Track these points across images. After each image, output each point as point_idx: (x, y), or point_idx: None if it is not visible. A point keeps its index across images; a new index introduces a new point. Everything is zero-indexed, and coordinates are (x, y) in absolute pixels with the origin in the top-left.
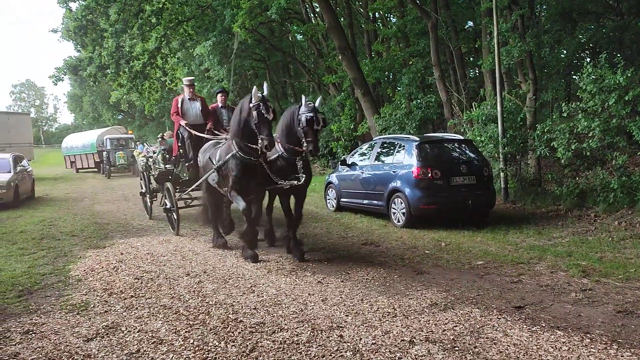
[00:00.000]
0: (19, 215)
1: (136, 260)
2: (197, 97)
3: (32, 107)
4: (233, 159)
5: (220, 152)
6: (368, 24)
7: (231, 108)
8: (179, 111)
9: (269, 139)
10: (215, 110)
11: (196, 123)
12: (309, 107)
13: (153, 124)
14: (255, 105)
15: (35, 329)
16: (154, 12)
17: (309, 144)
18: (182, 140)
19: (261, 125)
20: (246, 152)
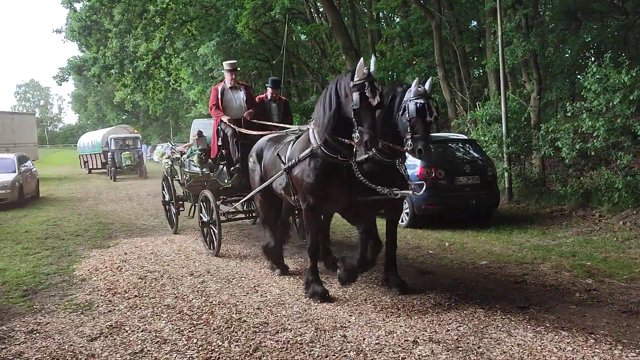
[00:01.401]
0: (24, 215)
1: (140, 260)
2: (241, 85)
3: (36, 107)
4: (312, 158)
5: (293, 148)
6: (372, 24)
7: (283, 101)
8: (219, 103)
9: (371, 134)
10: (262, 102)
11: (240, 117)
12: (419, 91)
13: (157, 124)
14: (358, 84)
15: (39, 329)
16: (158, 13)
17: (417, 141)
18: (224, 139)
19: (362, 113)
20: (333, 148)
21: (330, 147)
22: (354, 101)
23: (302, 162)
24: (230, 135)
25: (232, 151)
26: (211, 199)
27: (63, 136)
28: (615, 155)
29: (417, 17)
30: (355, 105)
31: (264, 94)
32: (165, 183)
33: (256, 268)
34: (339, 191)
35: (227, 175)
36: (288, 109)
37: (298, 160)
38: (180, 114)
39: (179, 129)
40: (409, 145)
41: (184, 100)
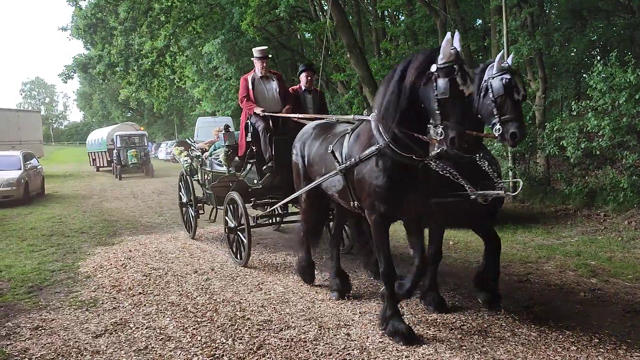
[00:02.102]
0: (29, 212)
1: (144, 258)
2: (273, 74)
3: (42, 104)
4: (379, 157)
5: (351, 143)
6: (376, 22)
7: (319, 92)
8: (251, 95)
9: (459, 129)
10: (296, 93)
11: (273, 110)
12: (503, 67)
13: (162, 121)
14: (445, 67)
15: (44, 325)
16: (162, 10)
17: (508, 124)
18: (254, 134)
19: (450, 103)
20: (405, 145)
21: (401, 144)
22: (441, 89)
23: (365, 161)
24: (262, 130)
25: (264, 148)
26: (239, 201)
27: (68, 134)
28: (621, 155)
29: (422, 16)
30: (441, 93)
31: (297, 85)
32: (182, 183)
33: (260, 266)
34: (415, 196)
35: (257, 175)
36: (324, 101)
37: (359, 160)
38: (184, 111)
39: (183, 127)
40: (497, 130)
41: (189, 98)
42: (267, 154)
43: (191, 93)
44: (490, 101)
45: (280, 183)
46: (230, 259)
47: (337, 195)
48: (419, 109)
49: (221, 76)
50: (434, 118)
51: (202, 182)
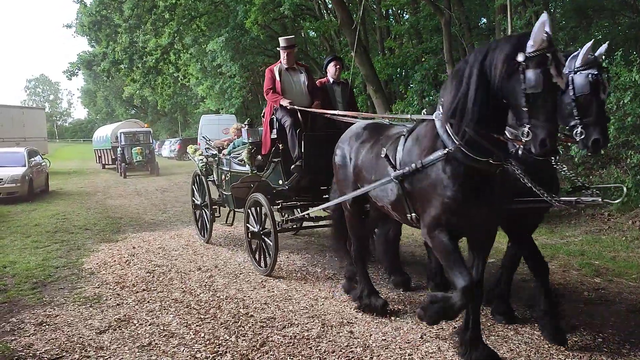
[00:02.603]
0: (33, 209)
1: (148, 254)
2: (301, 66)
3: (46, 102)
4: (447, 163)
5: (408, 147)
6: (381, 21)
7: (346, 84)
8: (277, 87)
9: (551, 129)
10: (323, 86)
11: (301, 105)
12: (589, 59)
13: (165, 119)
14: (537, 57)
15: (48, 321)
16: (167, 8)
17: (591, 128)
18: (280, 131)
19: (540, 99)
20: (480, 148)
21: (475, 147)
22: (530, 82)
23: (429, 168)
24: (289, 126)
25: (292, 145)
26: (265, 204)
27: (72, 131)
28: (625, 154)
29: (426, 14)
30: (531, 87)
31: (324, 78)
32: (197, 184)
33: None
34: (489, 208)
35: (283, 175)
36: (352, 94)
37: (422, 166)
38: (188, 109)
39: (187, 125)
40: (578, 134)
41: (193, 96)
42: (295, 152)
43: (195, 91)
44: (570, 99)
45: (308, 184)
46: (252, 266)
47: (389, 207)
48: (498, 106)
49: (225, 74)
50: (518, 116)
51: (218, 182)
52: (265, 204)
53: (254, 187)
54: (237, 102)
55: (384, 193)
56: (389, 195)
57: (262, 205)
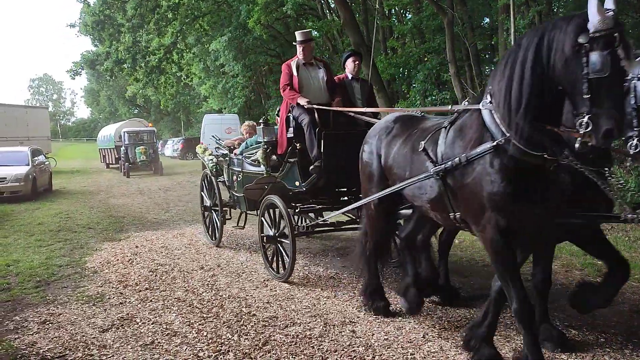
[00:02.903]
0: (37, 208)
1: (151, 253)
2: (319, 61)
3: (49, 101)
4: (496, 156)
5: (450, 139)
6: (383, 20)
7: (365, 81)
8: (294, 84)
9: (618, 117)
10: (342, 83)
11: (319, 102)
12: None
13: (168, 118)
14: (602, 37)
15: (52, 319)
16: (170, 8)
17: None
18: (297, 129)
19: (605, 85)
20: (534, 141)
21: (529, 139)
22: (595, 65)
23: (476, 162)
24: (307, 124)
25: (310, 145)
26: (282, 206)
27: (75, 130)
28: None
29: (429, 14)
30: (595, 71)
31: (342, 74)
32: (206, 185)
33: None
34: (545, 208)
35: (299, 176)
36: (372, 91)
37: (466, 160)
38: (191, 109)
39: (190, 124)
40: (633, 147)
41: (195, 96)
42: (314, 152)
43: (198, 90)
44: (631, 108)
45: (327, 186)
46: (267, 272)
47: (427, 206)
48: (554, 94)
49: (228, 73)
50: (577, 105)
51: (229, 183)
52: (282, 206)
53: (268, 189)
54: (240, 101)
55: (421, 191)
56: (427, 192)
57: (278, 207)
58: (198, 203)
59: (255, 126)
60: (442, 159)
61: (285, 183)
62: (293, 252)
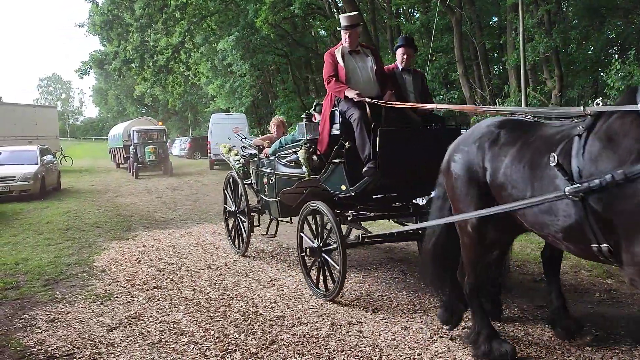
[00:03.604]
0: (45, 207)
1: (158, 252)
2: (367, 48)
3: (58, 100)
4: None
5: (594, 150)
6: (391, 20)
7: (419, 74)
8: (340, 74)
9: None
10: (392, 74)
11: (369, 95)
12: None
13: (176, 118)
14: None
15: (60, 318)
16: (178, 7)
17: None
18: (344, 126)
19: None
20: None
21: None
22: None
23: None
24: (356, 120)
25: (361, 143)
26: (329, 214)
27: (84, 129)
28: None
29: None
30: None
31: (392, 64)
32: (230, 189)
33: (273, 262)
34: None
35: (346, 179)
36: (426, 84)
37: (626, 177)
38: (199, 108)
39: (197, 124)
40: None
41: (203, 95)
42: (365, 151)
43: (205, 90)
44: None
45: (379, 190)
46: (309, 288)
47: (559, 235)
48: None
49: (235, 73)
50: None
51: (257, 187)
52: (329, 213)
53: (306, 193)
54: (247, 101)
55: (550, 216)
56: (558, 218)
57: (325, 215)
58: (205, 202)
59: (285, 122)
60: (579, 176)
61: (327, 187)
62: (343, 266)
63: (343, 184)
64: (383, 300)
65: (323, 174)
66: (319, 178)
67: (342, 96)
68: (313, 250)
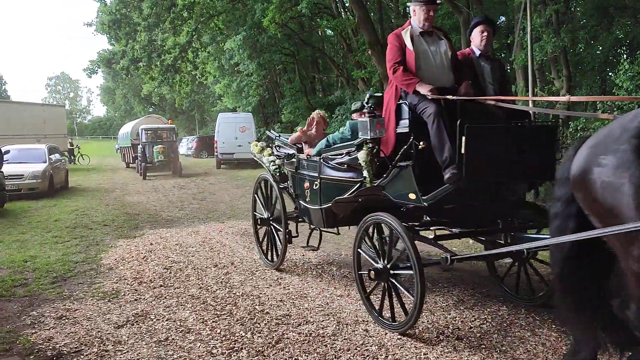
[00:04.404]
0: (54, 205)
1: (165, 251)
2: (439, 30)
3: (66, 99)
4: None
5: None
6: (398, 19)
7: (498, 61)
8: (409, 60)
9: None
10: (468, 60)
11: (442, 85)
12: None
13: (183, 117)
14: None
15: (68, 315)
16: (185, 6)
17: None
18: (414, 122)
19: None
20: None
21: None
22: None
23: None
24: (433, 115)
25: (438, 143)
26: (401, 231)
27: (91, 128)
28: None
29: (445, 13)
30: None
31: (467, 49)
32: (262, 193)
33: None
34: None
35: (416, 187)
36: (505, 74)
37: None
38: (206, 107)
39: (204, 123)
40: None
41: (210, 94)
42: (445, 153)
43: (212, 89)
44: None
45: (459, 199)
46: (372, 318)
47: None
48: None
49: (242, 72)
50: None
51: (297, 192)
52: (402, 230)
53: (359, 203)
54: (254, 100)
55: None
56: None
57: (396, 231)
58: (212, 201)
59: (326, 118)
60: None
61: (389, 194)
62: (420, 294)
63: (411, 192)
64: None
65: (384, 179)
66: (380, 183)
67: (410, 90)
68: (378, 273)
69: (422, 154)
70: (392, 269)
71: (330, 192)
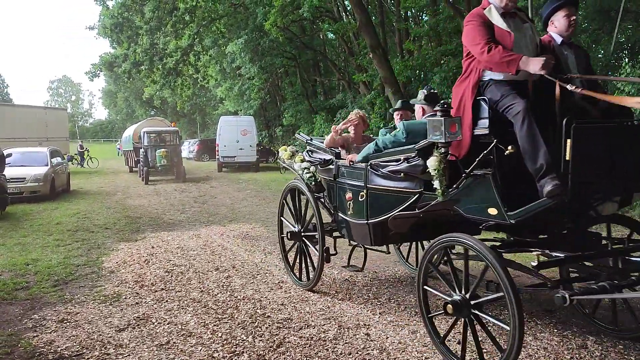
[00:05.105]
0: (55, 208)
1: (167, 254)
2: (521, 11)
3: (68, 102)
4: None
5: None
6: (400, 23)
7: (580, 49)
8: (506, 40)
9: None
10: (549, 47)
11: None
12: None
13: (185, 120)
14: None
15: (69, 318)
16: (187, 10)
17: None
18: (495, 118)
19: None
20: None
21: None
22: None
23: None
24: (522, 113)
25: (529, 146)
26: (490, 257)
27: (93, 131)
28: None
29: (446, 16)
30: None
31: (545, 35)
32: (291, 202)
33: (280, 264)
34: None
35: (497, 200)
36: (590, 64)
37: None
38: (207, 110)
39: (206, 126)
40: None
41: (212, 97)
42: (540, 159)
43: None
44: None
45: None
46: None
47: None
48: None
49: (244, 76)
50: None
51: (335, 203)
52: (494, 259)
53: (417, 218)
54: (256, 103)
55: None
56: None
57: (485, 258)
58: (214, 204)
59: (366, 119)
60: None
61: (459, 209)
62: (519, 329)
63: (492, 206)
64: (390, 304)
65: (454, 189)
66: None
67: (512, 70)
68: (458, 306)
69: (503, 160)
70: (472, 300)
71: (380, 204)
